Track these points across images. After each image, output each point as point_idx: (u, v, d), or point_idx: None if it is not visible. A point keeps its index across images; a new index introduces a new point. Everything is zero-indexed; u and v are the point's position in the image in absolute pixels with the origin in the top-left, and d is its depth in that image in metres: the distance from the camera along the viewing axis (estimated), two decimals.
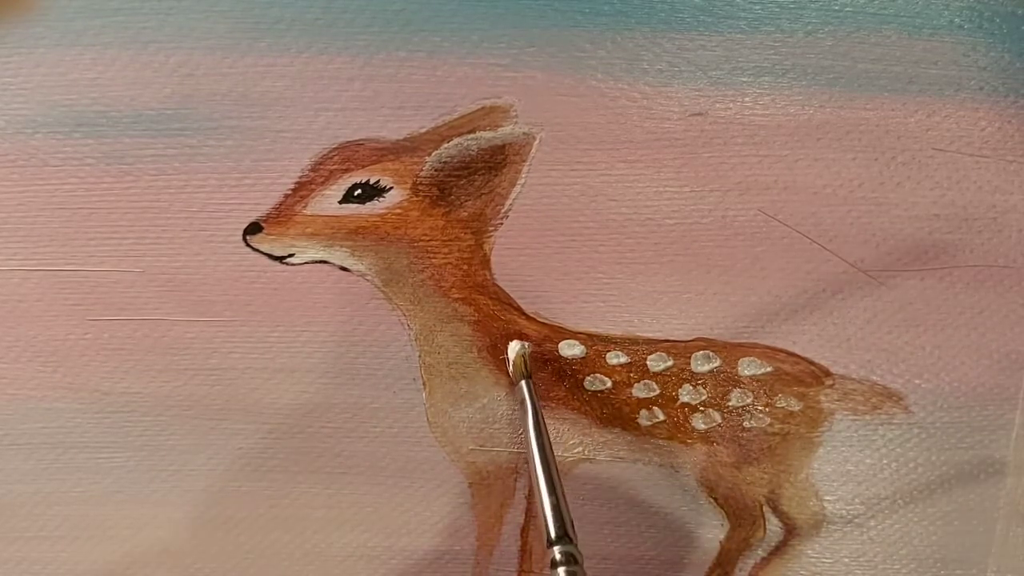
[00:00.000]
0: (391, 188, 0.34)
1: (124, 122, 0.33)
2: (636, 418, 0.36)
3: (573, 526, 0.29)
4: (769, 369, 0.36)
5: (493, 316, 0.35)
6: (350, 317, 0.35)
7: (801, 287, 0.35)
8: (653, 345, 0.35)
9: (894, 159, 0.34)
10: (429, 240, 0.35)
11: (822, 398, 0.36)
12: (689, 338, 0.35)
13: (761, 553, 0.38)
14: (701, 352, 0.36)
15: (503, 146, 0.34)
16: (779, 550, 0.38)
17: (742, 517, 0.37)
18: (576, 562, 0.28)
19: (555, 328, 0.35)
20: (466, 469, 0.37)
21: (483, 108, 0.33)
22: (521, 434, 0.36)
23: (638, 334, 0.35)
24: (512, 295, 0.35)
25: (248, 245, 0.35)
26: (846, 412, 0.36)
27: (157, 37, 0.33)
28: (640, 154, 0.34)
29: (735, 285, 0.35)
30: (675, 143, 0.34)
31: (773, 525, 0.37)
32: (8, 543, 0.38)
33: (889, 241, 0.34)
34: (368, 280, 0.35)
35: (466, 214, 0.34)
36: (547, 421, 0.36)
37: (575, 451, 0.37)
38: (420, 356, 0.36)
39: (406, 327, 0.35)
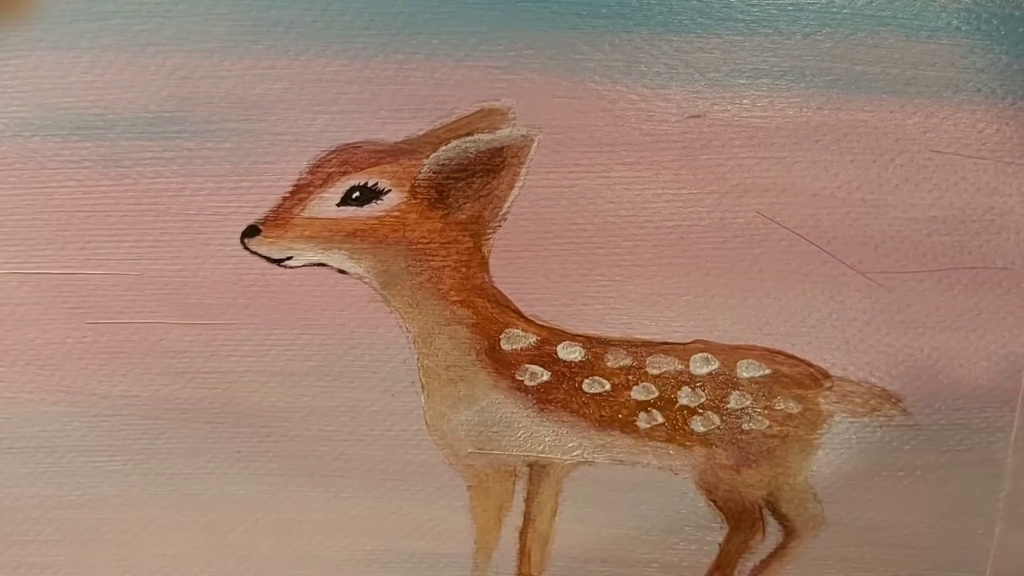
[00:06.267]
0: (389, 191, 0.34)
1: (122, 125, 0.33)
2: (635, 420, 0.36)
3: None
4: (768, 371, 0.36)
5: (491, 319, 0.35)
6: (348, 320, 0.35)
7: (799, 289, 0.35)
8: (652, 347, 0.35)
9: (892, 161, 0.34)
10: (427, 243, 0.34)
11: (821, 400, 0.36)
12: (688, 340, 0.35)
13: (760, 555, 0.38)
14: (700, 354, 0.36)
15: (501, 148, 0.34)
16: (778, 552, 0.38)
17: (741, 519, 0.37)
18: None
19: (554, 331, 0.35)
20: (464, 472, 0.37)
21: (481, 110, 0.33)
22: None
23: (637, 336, 0.35)
24: (511, 297, 0.35)
25: (246, 248, 0.34)
26: (845, 414, 0.36)
27: (155, 40, 0.33)
28: (638, 156, 0.34)
29: (734, 287, 0.35)
30: (673, 145, 0.34)
31: (772, 527, 0.37)
32: (5, 547, 0.38)
33: (887, 243, 0.34)
34: (366, 283, 0.35)
35: (464, 216, 0.34)
36: (545, 424, 0.36)
37: (573, 454, 0.37)
38: (418, 359, 0.36)
39: (404, 330, 0.35)
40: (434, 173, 0.34)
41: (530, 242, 0.35)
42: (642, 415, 0.36)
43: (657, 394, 0.36)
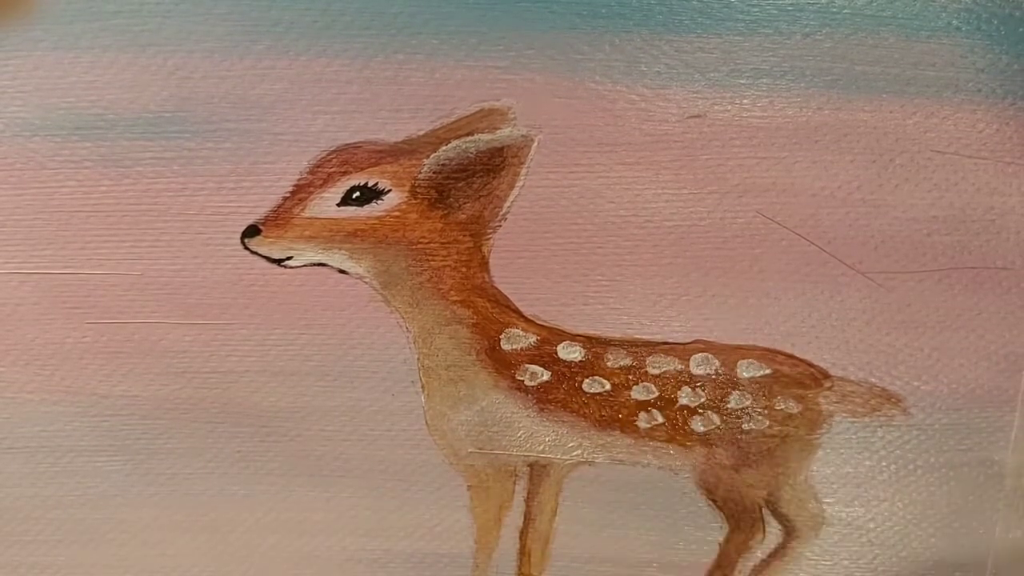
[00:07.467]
0: (389, 190, 0.34)
1: (122, 125, 0.33)
2: (635, 420, 0.36)
3: None
4: (768, 371, 0.36)
5: (491, 319, 0.35)
6: (348, 320, 0.35)
7: (800, 289, 0.35)
8: (652, 347, 0.35)
9: (892, 161, 0.34)
10: (427, 242, 0.35)
11: (821, 400, 0.36)
12: (688, 340, 0.35)
13: (760, 556, 0.38)
14: (700, 354, 0.36)
15: (501, 148, 0.34)
16: (778, 553, 0.38)
17: (741, 520, 0.37)
18: None
19: (553, 330, 0.35)
20: (465, 472, 0.37)
21: (481, 110, 0.33)
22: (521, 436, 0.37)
23: (637, 336, 0.35)
24: (511, 297, 0.35)
25: (246, 248, 0.34)
26: (845, 414, 0.36)
27: (155, 40, 0.33)
28: (638, 156, 0.34)
29: (734, 287, 0.35)
30: (673, 145, 0.34)
31: (772, 527, 0.37)
32: (5, 547, 0.38)
33: (887, 243, 0.34)
34: (366, 283, 0.35)
35: (464, 216, 0.34)
36: (546, 424, 0.36)
37: (574, 454, 0.37)
38: (419, 359, 0.36)
39: (404, 330, 0.35)
40: (434, 173, 0.34)
41: (530, 242, 0.35)
42: (642, 415, 0.36)
43: (657, 394, 0.36)
